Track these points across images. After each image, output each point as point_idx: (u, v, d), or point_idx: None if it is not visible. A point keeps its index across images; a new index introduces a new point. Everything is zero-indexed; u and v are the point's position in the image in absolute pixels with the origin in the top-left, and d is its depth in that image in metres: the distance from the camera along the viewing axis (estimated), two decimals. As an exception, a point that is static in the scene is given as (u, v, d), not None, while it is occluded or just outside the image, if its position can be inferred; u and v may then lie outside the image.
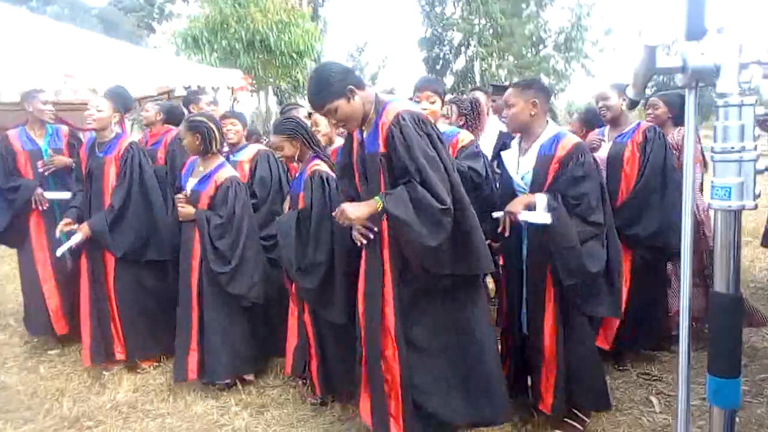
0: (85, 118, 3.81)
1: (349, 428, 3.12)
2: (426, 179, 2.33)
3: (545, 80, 20.18)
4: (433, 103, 3.23)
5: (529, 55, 23.96)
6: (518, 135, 3.04)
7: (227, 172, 3.60)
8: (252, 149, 4.19)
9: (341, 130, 3.21)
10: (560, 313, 2.80)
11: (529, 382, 3.03)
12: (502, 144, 4.06)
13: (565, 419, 2.96)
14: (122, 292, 3.88)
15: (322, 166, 3.23)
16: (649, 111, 3.98)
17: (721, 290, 1.37)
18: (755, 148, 1.30)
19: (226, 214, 3.48)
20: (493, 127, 4.59)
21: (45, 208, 4.21)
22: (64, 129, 4.45)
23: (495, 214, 2.87)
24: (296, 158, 3.39)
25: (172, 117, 4.89)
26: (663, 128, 3.69)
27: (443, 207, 2.31)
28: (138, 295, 3.94)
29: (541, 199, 2.72)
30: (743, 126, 1.29)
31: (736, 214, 1.33)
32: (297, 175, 3.44)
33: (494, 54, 23.41)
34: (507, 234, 2.82)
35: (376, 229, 2.55)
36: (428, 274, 2.49)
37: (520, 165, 2.92)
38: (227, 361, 3.54)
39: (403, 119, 2.40)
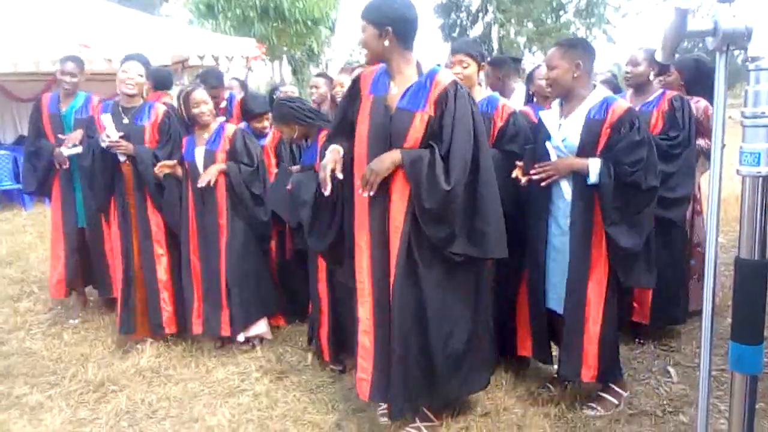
0: (123, 82, 3.75)
1: (367, 394, 3.17)
2: (451, 152, 2.42)
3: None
4: (465, 67, 3.05)
5: (549, 21, 23.46)
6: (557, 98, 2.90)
7: (231, 126, 3.76)
8: (273, 134, 4.14)
9: (338, 89, 3.76)
10: (607, 286, 2.75)
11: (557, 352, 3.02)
12: None
13: (601, 393, 2.92)
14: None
15: None
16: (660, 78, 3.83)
17: (745, 256, 1.36)
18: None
19: (254, 161, 3.64)
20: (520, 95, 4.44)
21: (66, 166, 4.15)
22: (95, 100, 4.33)
23: (537, 165, 2.74)
24: (303, 137, 3.50)
25: (159, 81, 4.75)
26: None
27: (447, 189, 2.40)
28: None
29: (595, 164, 2.61)
30: (775, 90, 1.27)
31: (765, 180, 1.31)
32: (307, 147, 3.47)
33: (513, 20, 22.95)
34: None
35: (372, 193, 2.51)
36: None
37: (561, 127, 2.79)
38: (256, 309, 3.75)
39: (461, 88, 2.51)
